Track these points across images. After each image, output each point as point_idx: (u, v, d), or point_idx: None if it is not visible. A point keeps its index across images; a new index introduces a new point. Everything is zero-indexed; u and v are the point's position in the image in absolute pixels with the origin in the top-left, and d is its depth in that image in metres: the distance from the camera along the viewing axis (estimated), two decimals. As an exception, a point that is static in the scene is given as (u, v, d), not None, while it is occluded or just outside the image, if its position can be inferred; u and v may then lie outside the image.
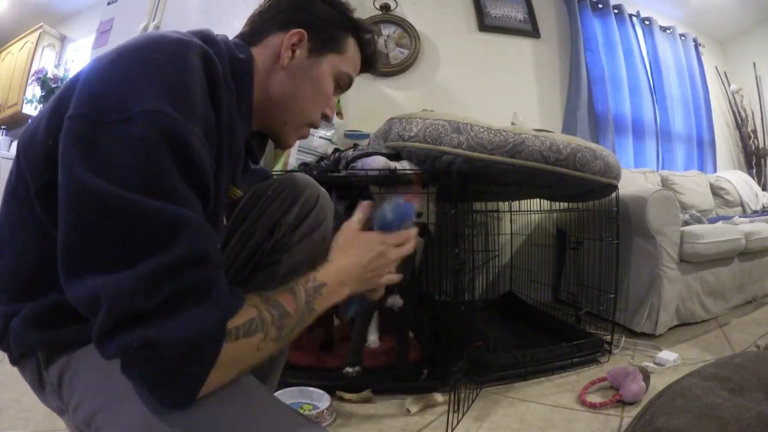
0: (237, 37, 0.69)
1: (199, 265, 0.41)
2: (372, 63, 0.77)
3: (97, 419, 0.49)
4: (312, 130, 0.99)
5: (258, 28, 0.68)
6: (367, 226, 0.71)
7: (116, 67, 0.44)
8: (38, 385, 0.57)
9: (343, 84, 0.73)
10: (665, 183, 2.77)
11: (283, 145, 0.75)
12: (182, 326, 0.39)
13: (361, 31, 0.73)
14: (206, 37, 0.58)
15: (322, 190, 0.83)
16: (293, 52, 0.66)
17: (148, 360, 0.39)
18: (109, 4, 2.22)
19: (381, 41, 2.46)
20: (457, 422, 1.10)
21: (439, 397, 1.23)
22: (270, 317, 0.49)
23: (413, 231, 0.71)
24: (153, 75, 0.43)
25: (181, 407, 0.42)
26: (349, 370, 1.21)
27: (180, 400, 0.42)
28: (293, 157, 1.83)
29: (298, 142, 1.72)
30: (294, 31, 0.65)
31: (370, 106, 2.36)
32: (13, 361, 0.57)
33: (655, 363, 1.45)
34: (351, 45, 0.72)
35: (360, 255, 0.64)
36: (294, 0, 0.69)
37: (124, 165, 0.39)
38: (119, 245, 0.39)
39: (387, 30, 2.50)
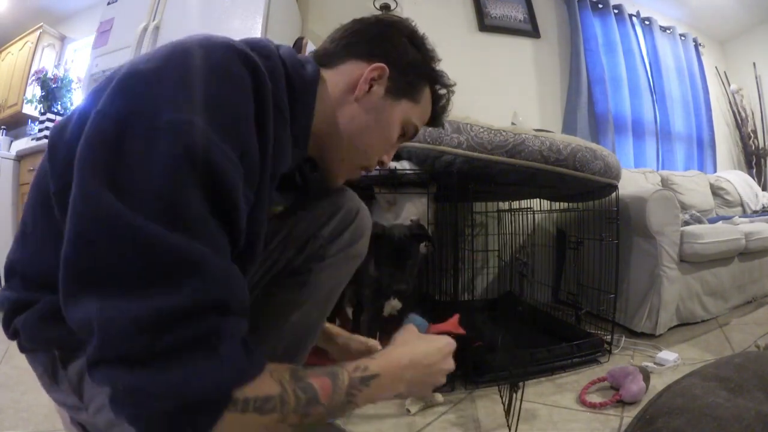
0: (312, 53, 0.64)
1: (208, 314, 0.36)
2: (438, 120, 0.73)
3: (116, 429, 0.48)
4: None
5: (336, 50, 0.63)
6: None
7: (157, 67, 0.40)
8: (51, 379, 0.54)
9: (408, 133, 0.69)
10: (665, 183, 2.77)
11: (330, 182, 0.69)
12: (175, 380, 0.34)
13: (439, 85, 0.70)
14: (262, 49, 0.52)
15: (363, 204, 0.79)
16: (371, 86, 0.62)
17: (135, 405, 0.35)
18: (109, 4, 2.22)
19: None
20: (516, 424, 1.10)
21: (439, 397, 1.23)
22: (294, 401, 0.41)
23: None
24: (192, 82, 0.39)
25: None
26: None
27: None
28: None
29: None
30: (377, 65, 0.61)
31: (370, 106, 2.36)
32: (22, 349, 0.54)
33: (655, 363, 1.45)
34: (426, 96, 0.68)
35: (428, 354, 0.58)
36: (381, 32, 0.64)
37: (145, 188, 0.35)
38: (122, 273, 0.35)
39: (387, 30, 2.50)
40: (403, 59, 0.64)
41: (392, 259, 1.19)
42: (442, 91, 0.71)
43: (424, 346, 0.59)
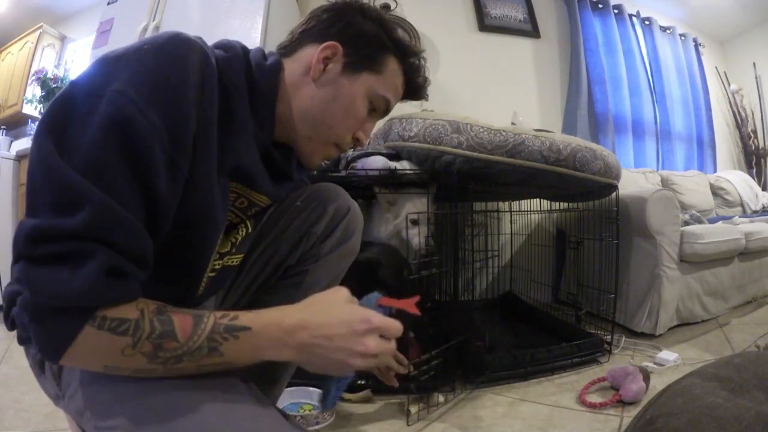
0: (277, 48, 0.67)
1: (82, 241, 0.42)
2: (417, 90, 0.72)
3: (86, 414, 0.50)
4: None
5: (294, 39, 0.66)
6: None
7: (123, 52, 0.49)
8: (39, 368, 0.58)
9: (378, 107, 0.68)
10: (665, 183, 2.77)
11: (306, 163, 0.69)
12: (44, 280, 0.41)
13: (406, 54, 0.68)
14: (224, 46, 0.59)
15: (353, 202, 0.81)
16: (325, 65, 0.63)
17: (24, 300, 0.42)
18: (109, 4, 2.21)
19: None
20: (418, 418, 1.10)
21: (439, 397, 1.23)
22: (149, 329, 0.44)
23: (398, 324, 0.57)
24: (136, 63, 0.47)
25: (49, 360, 0.47)
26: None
27: (46, 353, 0.44)
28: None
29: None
30: (327, 44, 0.63)
31: (370, 106, 2.36)
32: (20, 341, 0.56)
33: (655, 363, 1.45)
34: (391, 66, 0.67)
35: (328, 325, 0.51)
36: (333, 12, 0.65)
37: (78, 145, 0.44)
38: (43, 201, 0.43)
39: (387, 30, 2.50)
40: (356, 35, 0.64)
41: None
42: (412, 60, 0.69)
43: (325, 316, 0.52)
